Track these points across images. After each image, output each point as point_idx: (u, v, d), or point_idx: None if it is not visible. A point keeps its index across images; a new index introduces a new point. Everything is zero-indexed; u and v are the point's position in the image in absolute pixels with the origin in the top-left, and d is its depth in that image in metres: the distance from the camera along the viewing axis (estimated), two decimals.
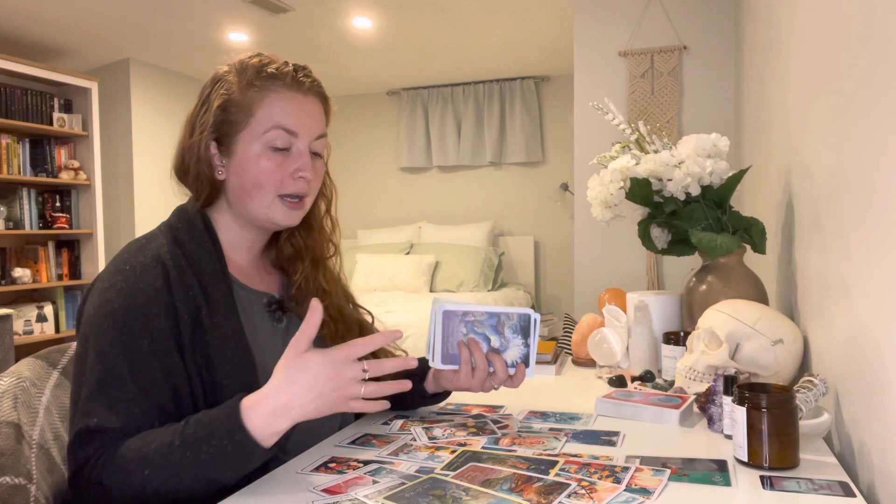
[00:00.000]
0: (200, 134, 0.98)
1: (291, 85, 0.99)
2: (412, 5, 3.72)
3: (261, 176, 0.97)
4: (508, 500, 0.74)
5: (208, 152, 0.99)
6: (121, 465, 0.80)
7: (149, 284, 0.90)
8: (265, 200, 0.98)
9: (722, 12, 2.95)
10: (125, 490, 0.80)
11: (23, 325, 3.97)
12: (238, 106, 0.97)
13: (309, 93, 1.01)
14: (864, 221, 0.88)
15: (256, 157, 0.97)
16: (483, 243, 5.01)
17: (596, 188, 1.45)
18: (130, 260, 0.92)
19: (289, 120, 0.98)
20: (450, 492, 0.76)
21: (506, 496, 0.75)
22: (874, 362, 0.83)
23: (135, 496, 0.80)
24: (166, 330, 0.88)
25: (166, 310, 0.89)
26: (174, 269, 0.92)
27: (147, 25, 3.99)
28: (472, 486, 0.78)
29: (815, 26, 1.20)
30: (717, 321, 1.12)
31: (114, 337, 0.86)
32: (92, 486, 0.81)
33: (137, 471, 0.80)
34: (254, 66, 0.99)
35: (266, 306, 1.04)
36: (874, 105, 0.84)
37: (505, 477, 0.80)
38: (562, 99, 5.06)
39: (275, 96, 0.98)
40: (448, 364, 1.01)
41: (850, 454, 0.93)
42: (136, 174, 4.67)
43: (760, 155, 1.91)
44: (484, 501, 0.74)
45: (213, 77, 1.01)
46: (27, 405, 0.92)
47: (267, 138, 0.97)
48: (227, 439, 0.79)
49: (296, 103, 0.99)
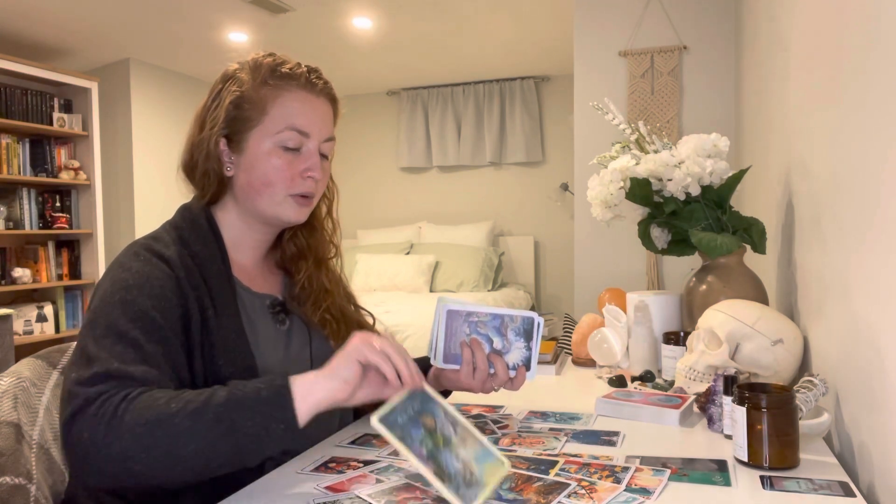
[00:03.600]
0: (211, 129, 0.99)
1: (305, 85, 1.00)
2: (412, 5, 3.72)
3: (271, 174, 0.98)
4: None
5: (218, 148, 0.99)
6: (147, 401, 0.75)
7: (164, 272, 0.90)
8: (275, 198, 0.99)
9: (722, 12, 2.95)
10: (139, 425, 0.74)
11: (23, 325, 3.96)
12: (251, 103, 0.98)
13: (321, 94, 1.03)
14: (863, 221, 0.88)
15: (267, 154, 0.98)
16: (483, 243, 5.00)
17: (596, 188, 1.45)
18: (142, 252, 0.92)
19: (302, 121, 0.99)
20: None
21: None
22: (874, 362, 0.83)
23: (148, 433, 0.74)
24: (178, 315, 0.88)
25: (179, 300, 0.89)
26: (183, 268, 0.92)
27: (147, 25, 3.99)
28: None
29: (816, 26, 1.20)
30: (717, 321, 1.12)
31: (127, 307, 0.85)
32: (100, 422, 0.74)
33: (164, 403, 0.75)
34: (268, 64, 1.00)
35: (269, 308, 1.04)
36: (874, 105, 0.84)
37: (505, 477, 0.80)
38: (562, 99, 5.06)
39: (289, 96, 0.99)
40: (449, 363, 1.01)
41: (850, 454, 0.93)
42: (136, 174, 4.66)
43: (760, 155, 1.91)
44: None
45: (225, 74, 1.02)
46: (27, 405, 0.92)
47: (280, 138, 0.98)
48: (265, 383, 0.79)
49: (308, 104, 1.00)
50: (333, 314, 1.08)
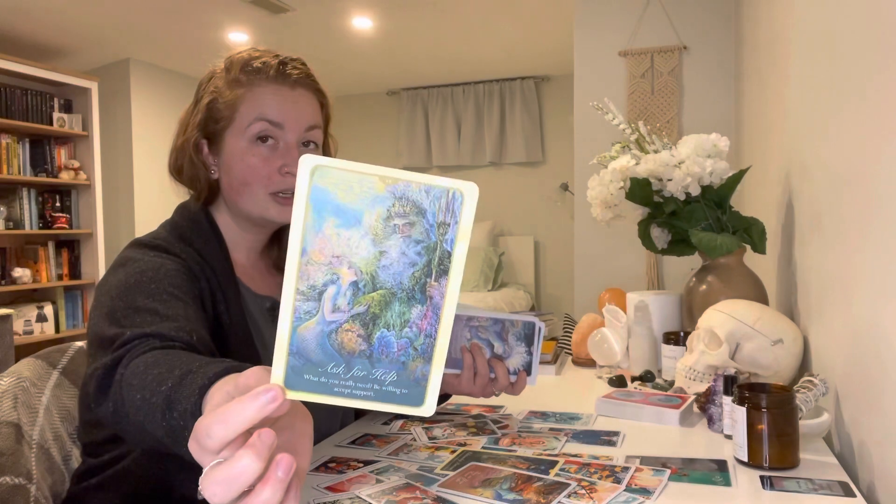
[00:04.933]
0: (190, 132, 0.97)
1: (275, 78, 0.96)
2: (412, 5, 3.72)
3: (246, 173, 0.95)
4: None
5: (199, 152, 0.98)
6: (134, 367, 0.67)
7: (176, 261, 0.88)
8: (256, 198, 0.96)
9: (722, 12, 2.95)
10: (123, 392, 0.66)
11: (23, 325, 3.96)
12: (224, 103, 0.96)
13: (297, 85, 0.97)
14: (863, 221, 0.88)
15: (242, 153, 0.95)
16: (483, 243, 5.01)
17: (596, 188, 1.45)
18: (148, 246, 0.90)
19: (272, 111, 0.94)
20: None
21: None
22: (874, 362, 0.83)
23: (123, 400, 0.66)
24: (196, 296, 0.86)
25: (196, 284, 0.88)
26: (195, 264, 0.91)
27: (147, 25, 3.99)
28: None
29: (816, 25, 1.20)
30: (717, 321, 1.12)
31: (143, 287, 0.80)
32: (115, 387, 0.68)
33: (143, 372, 0.66)
34: (239, 61, 0.97)
35: (269, 311, 1.03)
36: (874, 105, 0.84)
37: (505, 477, 0.80)
38: (562, 99, 5.06)
39: (259, 90, 0.95)
40: (450, 368, 1.01)
41: (850, 454, 0.93)
42: (136, 174, 4.67)
43: (760, 155, 1.91)
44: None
45: (206, 75, 1.00)
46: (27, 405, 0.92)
47: (251, 131, 0.94)
48: (183, 379, 0.60)
49: (280, 95, 0.96)
50: None
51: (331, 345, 0.43)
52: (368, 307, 0.43)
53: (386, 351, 0.44)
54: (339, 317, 0.43)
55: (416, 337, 0.44)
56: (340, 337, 0.43)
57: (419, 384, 0.44)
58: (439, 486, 0.79)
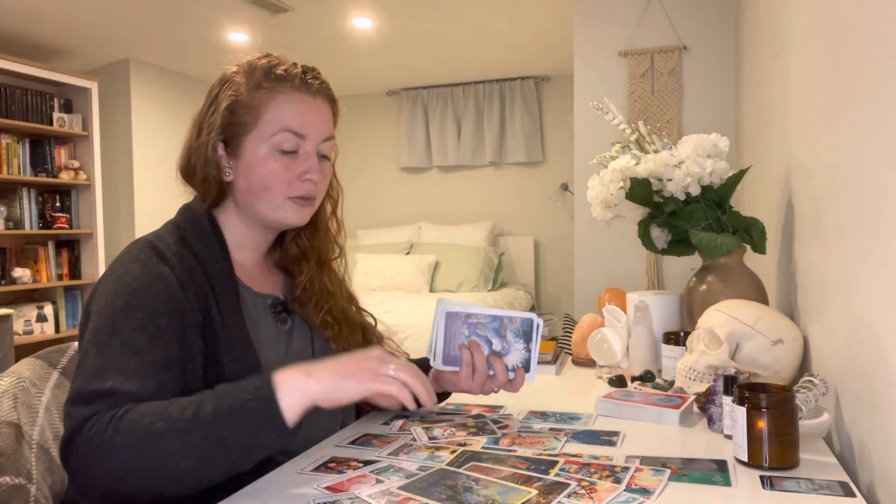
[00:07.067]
0: (208, 135, 0.98)
1: (300, 87, 0.99)
2: (412, 5, 3.72)
3: (268, 178, 0.97)
4: (517, 489, 0.76)
5: (216, 154, 0.99)
6: (134, 419, 0.75)
7: (166, 274, 0.89)
8: (274, 202, 0.98)
9: (722, 12, 2.95)
10: (130, 446, 0.74)
11: (23, 325, 3.97)
12: (246, 107, 0.97)
13: (318, 95, 1.01)
14: (864, 221, 0.88)
15: (264, 159, 0.97)
16: (483, 243, 5.00)
17: (596, 188, 1.45)
18: (144, 252, 0.92)
19: (296, 122, 0.98)
20: (461, 482, 0.79)
21: (513, 484, 0.77)
22: (874, 362, 0.83)
23: (139, 453, 0.74)
24: (182, 317, 0.88)
25: (183, 301, 0.89)
26: (186, 269, 0.92)
27: (147, 25, 3.99)
28: (482, 477, 0.80)
29: (816, 25, 1.20)
30: (717, 321, 1.12)
31: (132, 312, 0.84)
32: (92, 444, 0.74)
33: (151, 423, 0.75)
34: (262, 67, 0.99)
35: (270, 308, 1.04)
36: (875, 105, 0.84)
37: (505, 477, 0.80)
38: (562, 99, 5.06)
39: (283, 98, 0.98)
40: (449, 365, 1.01)
41: (850, 454, 0.93)
42: (136, 174, 4.66)
43: (760, 155, 1.91)
44: (493, 490, 0.76)
45: (222, 78, 1.01)
46: (27, 405, 0.92)
47: (275, 141, 0.97)
48: (251, 394, 0.78)
49: (304, 105, 0.99)
50: (335, 316, 1.08)
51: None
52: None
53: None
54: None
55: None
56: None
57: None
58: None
